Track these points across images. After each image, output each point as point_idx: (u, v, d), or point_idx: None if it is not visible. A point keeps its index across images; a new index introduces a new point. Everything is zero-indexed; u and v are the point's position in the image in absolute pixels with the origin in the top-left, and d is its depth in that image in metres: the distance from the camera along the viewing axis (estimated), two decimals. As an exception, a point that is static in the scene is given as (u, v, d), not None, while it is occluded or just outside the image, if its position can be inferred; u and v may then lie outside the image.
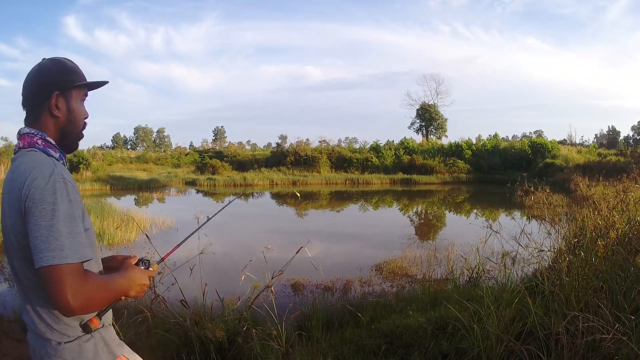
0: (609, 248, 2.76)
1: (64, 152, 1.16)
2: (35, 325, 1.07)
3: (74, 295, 0.93)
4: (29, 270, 1.03)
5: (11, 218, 1.03)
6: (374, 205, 16.40)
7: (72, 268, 0.95)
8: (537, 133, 52.41)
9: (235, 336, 2.84)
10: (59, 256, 0.93)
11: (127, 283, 1.11)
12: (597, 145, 38.72)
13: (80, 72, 1.18)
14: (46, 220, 0.95)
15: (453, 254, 5.57)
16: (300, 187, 22.94)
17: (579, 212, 4.16)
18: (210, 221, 1.95)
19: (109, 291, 1.05)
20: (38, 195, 0.97)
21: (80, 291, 0.94)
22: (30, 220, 0.96)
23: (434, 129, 40.20)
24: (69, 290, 0.93)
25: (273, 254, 3.13)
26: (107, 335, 1.14)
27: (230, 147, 43.96)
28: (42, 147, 1.09)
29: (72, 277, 0.94)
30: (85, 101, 1.20)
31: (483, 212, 13.52)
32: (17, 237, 1.03)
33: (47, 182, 0.99)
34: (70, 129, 1.16)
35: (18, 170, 1.04)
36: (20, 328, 3.57)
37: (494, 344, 2.44)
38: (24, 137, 1.11)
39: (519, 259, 4.09)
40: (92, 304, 0.99)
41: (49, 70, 1.12)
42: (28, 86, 1.12)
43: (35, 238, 0.95)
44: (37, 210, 0.96)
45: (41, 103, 1.11)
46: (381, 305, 3.69)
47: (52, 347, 1.06)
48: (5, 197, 1.07)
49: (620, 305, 2.36)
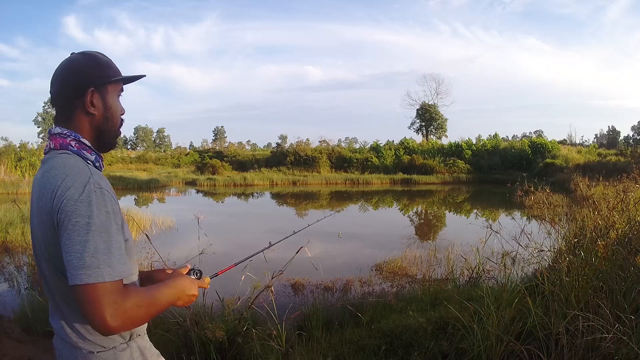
0: (609, 248, 2.76)
1: (101, 153, 1.09)
2: (64, 333, 1.01)
3: (112, 315, 0.85)
4: (60, 281, 0.96)
5: (40, 227, 0.97)
6: (374, 205, 16.40)
7: (110, 286, 0.87)
8: (537, 133, 52.43)
9: (235, 336, 2.84)
10: (95, 274, 0.86)
11: (174, 293, 1.03)
12: (597, 145, 38.69)
13: (114, 65, 1.09)
14: (80, 234, 0.87)
15: (453, 254, 5.57)
16: (300, 187, 22.95)
17: (579, 212, 4.16)
18: (210, 221, 1.95)
19: (154, 305, 0.96)
20: (71, 207, 0.89)
21: (119, 310, 0.87)
22: (64, 234, 0.88)
23: (434, 129, 40.22)
24: (106, 310, 0.85)
25: (273, 254, 3.11)
26: (143, 345, 1.08)
27: (230, 147, 43.98)
28: (75, 150, 1.01)
29: (110, 296, 0.86)
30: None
31: (483, 212, 13.52)
32: (46, 247, 0.96)
33: (82, 193, 0.90)
34: (107, 127, 1.08)
35: (49, 175, 0.96)
36: (20, 328, 3.57)
37: (494, 344, 2.44)
38: (55, 137, 1.03)
39: (519, 259, 4.09)
40: (134, 322, 0.91)
41: (81, 65, 1.04)
42: (58, 83, 1.04)
43: (68, 254, 0.87)
44: (71, 224, 0.88)
45: (74, 101, 1.03)
46: (381, 305, 3.69)
47: (84, 355, 0.99)
48: (35, 201, 0.99)
49: (620, 305, 2.36)
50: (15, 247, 6.74)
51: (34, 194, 1.01)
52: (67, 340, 1.01)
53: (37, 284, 4.80)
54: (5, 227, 7.50)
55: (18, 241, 6.88)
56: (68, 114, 1.04)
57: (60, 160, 0.98)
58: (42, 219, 0.96)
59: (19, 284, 5.11)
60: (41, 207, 0.96)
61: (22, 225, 7.48)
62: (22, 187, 20.02)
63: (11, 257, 6.35)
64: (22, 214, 8.22)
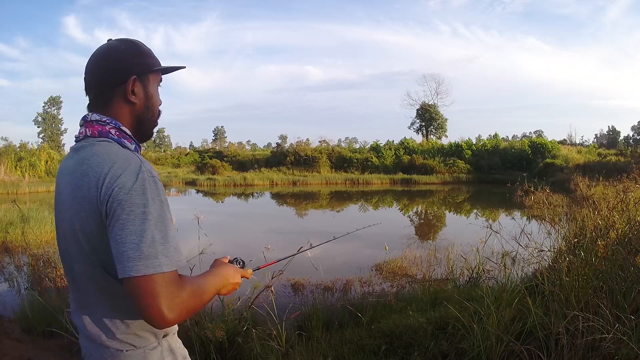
0: (609, 248, 2.76)
1: (139, 143, 1.05)
2: (91, 332, 0.97)
3: (169, 307, 0.82)
4: (100, 275, 0.92)
5: (78, 218, 0.90)
6: (374, 205, 16.40)
7: (167, 277, 0.83)
8: (537, 133, 52.41)
9: (235, 336, 2.84)
10: (153, 265, 0.82)
11: (220, 281, 1.02)
12: (597, 145, 38.67)
13: (154, 55, 1.06)
14: (136, 224, 0.83)
15: (453, 254, 5.57)
16: (300, 187, 22.95)
17: (579, 212, 4.16)
18: (210, 221, 1.95)
19: (204, 294, 0.93)
20: (124, 195, 0.84)
21: (176, 302, 0.84)
22: (115, 224, 0.84)
23: (434, 129, 40.23)
24: (163, 302, 0.82)
25: (273, 254, 3.13)
26: (174, 344, 1.04)
27: (230, 147, 44.01)
28: (116, 138, 0.96)
29: (167, 288, 0.83)
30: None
31: (483, 212, 13.52)
32: (87, 238, 0.90)
33: (135, 181, 0.85)
34: (147, 117, 1.04)
35: (91, 162, 0.89)
36: (20, 328, 3.57)
37: (494, 344, 2.44)
38: (92, 124, 0.96)
39: (519, 259, 4.09)
40: (189, 313, 0.88)
41: (123, 52, 0.99)
42: (96, 69, 0.99)
43: (122, 245, 0.83)
44: (125, 214, 0.83)
45: (113, 88, 0.98)
46: (381, 305, 3.69)
47: (111, 354, 0.95)
48: (69, 192, 0.93)
49: (620, 305, 2.36)
50: (15, 247, 6.74)
51: (64, 185, 0.96)
52: (92, 339, 0.97)
53: (37, 284, 4.81)
54: (5, 227, 7.50)
55: (18, 241, 6.87)
56: (106, 101, 0.99)
57: (101, 147, 0.92)
58: (82, 208, 0.89)
59: (19, 284, 5.11)
60: (80, 197, 0.90)
61: (22, 225, 7.48)
62: (22, 187, 20.02)
63: (11, 257, 6.35)
64: (22, 214, 8.22)
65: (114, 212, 0.84)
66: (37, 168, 24.70)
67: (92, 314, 0.96)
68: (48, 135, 46.12)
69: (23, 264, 5.84)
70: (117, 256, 0.83)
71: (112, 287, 0.91)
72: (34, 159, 24.99)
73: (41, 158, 25.34)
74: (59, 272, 4.73)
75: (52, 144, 41.81)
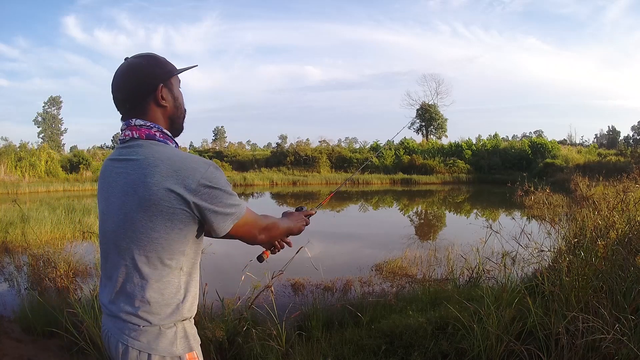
0: (609, 248, 2.76)
1: (175, 138, 1.21)
2: (118, 308, 1.09)
3: (262, 232, 1.22)
4: (133, 258, 1.07)
5: (141, 212, 1.05)
6: (374, 205, 16.40)
7: (250, 215, 1.17)
8: (537, 133, 52.34)
9: (235, 336, 2.84)
10: (239, 211, 1.12)
11: (291, 222, 1.40)
12: (597, 145, 38.69)
13: (169, 62, 1.21)
14: (223, 198, 1.08)
15: (453, 254, 5.57)
16: (300, 187, 22.96)
17: (579, 212, 4.16)
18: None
19: (279, 227, 1.31)
20: (210, 182, 1.05)
21: (263, 227, 1.23)
22: (208, 201, 1.06)
23: (434, 129, 40.20)
24: (256, 229, 1.20)
25: (273, 254, 3.14)
26: (189, 329, 1.15)
27: (230, 147, 43.95)
28: (162, 140, 1.13)
29: (254, 220, 1.19)
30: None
31: (483, 212, 13.52)
32: (135, 227, 1.06)
33: (207, 170, 1.06)
34: (177, 115, 1.21)
35: (155, 158, 1.06)
36: (20, 328, 3.57)
37: (494, 344, 2.44)
38: (138, 128, 1.12)
39: (519, 259, 4.09)
40: (271, 237, 1.29)
41: (146, 66, 1.14)
42: (125, 87, 1.14)
43: (216, 213, 1.07)
44: (214, 193, 1.06)
45: (146, 97, 1.14)
46: (381, 305, 3.69)
47: (129, 328, 1.07)
48: (123, 184, 1.08)
49: (620, 305, 2.36)
50: (15, 247, 6.73)
51: (116, 176, 1.11)
52: (115, 315, 1.10)
53: (37, 284, 4.80)
54: (5, 227, 7.49)
55: (18, 241, 6.86)
56: (143, 110, 1.14)
57: (160, 147, 1.10)
58: (145, 200, 1.04)
59: (19, 284, 5.11)
60: (146, 193, 1.04)
61: (22, 225, 7.47)
62: (22, 187, 20.02)
63: (11, 257, 6.34)
64: (22, 214, 8.22)
65: (202, 196, 1.05)
66: (37, 168, 24.69)
67: (125, 292, 1.08)
68: (48, 135, 46.14)
69: (23, 264, 5.83)
70: (214, 220, 1.08)
71: (142, 266, 1.06)
72: (34, 159, 24.98)
73: (41, 158, 25.34)
74: (59, 272, 4.73)
75: (52, 144, 41.81)
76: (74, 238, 7.50)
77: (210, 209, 1.06)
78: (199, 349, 1.17)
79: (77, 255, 5.53)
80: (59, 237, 7.40)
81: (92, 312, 2.85)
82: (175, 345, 1.09)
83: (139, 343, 1.06)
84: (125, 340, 1.07)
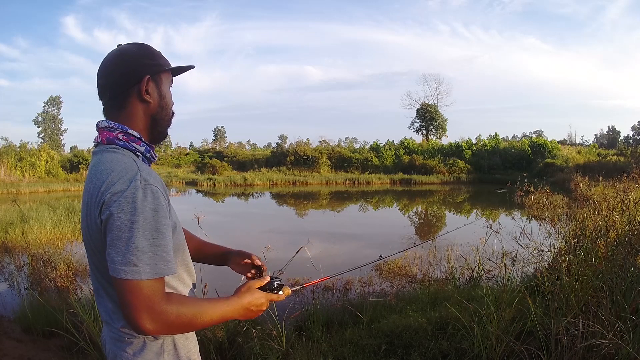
0: (609, 248, 2.76)
1: (154, 143, 1.09)
2: (104, 317, 1.05)
3: (150, 318, 0.86)
4: (104, 270, 0.95)
5: (88, 219, 0.96)
6: (374, 205, 16.40)
7: (148, 285, 0.87)
8: (537, 133, 52.39)
9: (235, 336, 2.84)
10: (132, 272, 0.86)
11: (234, 310, 1.02)
12: (597, 145, 38.68)
13: (164, 57, 1.10)
14: (124, 231, 0.87)
15: (453, 254, 5.56)
16: (300, 187, 22.95)
17: (579, 212, 4.16)
18: (210, 221, 1.95)
19: (200, 319, 0.94)
20: (114, 203, 0.88)
21: (155, 312, 0.87)
22: (107, 230, 0.89)
23: (434, 129, 40.22)
24: (141, 310, 0.86)
25: (273, 254, 3.13)
26: (180, 343, 1.04)
27: (230, 147, 44.01)
28: (122, 143, 1.00)
29: (146, 296, 0.86)
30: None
31: (483, 212, 13.52)
32: (92, 238, 0.97)
33: (126, 189, 0.89)
34: (161, 116, 1.08)
35: (96, 170, 0.97)
36: (20, 328, 3.57)
37: (494, 344, 2.44)
38: (103, 131, 1.01)
39: (519, 259, 4.09)
40: (170, 329, 0.91)
41: (135, 53, 1.03)
42: (110, 72, 1.02)
43: (110, 247, 0.88)
44: (112, 220, 0.87)
45: (128, 88, 1.02)
46: (381, 305, 3.69)
47: (116, 337, 1.02)
48: (86, 197, 1.00)
49: (620, 305, 2.36)
50: (15, 247, 6.74)
51: (85, 191, 1.02)
52: (106, 323, 1.05)
53: (37, 284, 4.81)
54: (5, 227, 7.50)
55: (18, 241, 6.87)
56: (121, 103, 1.03)
57: (107, 155, 0.97)
58: (89, 212, 0.96)
59: (19, 284, 5.11)
60: (91, 203, 0.95)
61: (22, 225, 7.48)
62: (22, 187, 20.03)
63: (11, 257, 6.35)
64: (22, 214, 8.22)
65: (107, 217, 0.89)
66: (37, 168, 24.70)
67: (103, 302, 1.03)
68: (48, 135, 46.16)
69: (23, 264, 5.84)
70: (107, 257, 0.89)
71: (105, 283, 0.99)
72: (34, 159, 24.99)
73: (41, 158, 25.35)
74: (59, 272, 4.73)
75: (52, 144, 41.85)
76: (74, 238, 7.50)
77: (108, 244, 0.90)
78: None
79: (77, 255, 5.53)
80: (59, 237, 7.41)
81: (92, 312, 2.85)
82: (162, 359, 1.02)
83: (125, 354, 1.01)
84: (114, 349, 1.03)
